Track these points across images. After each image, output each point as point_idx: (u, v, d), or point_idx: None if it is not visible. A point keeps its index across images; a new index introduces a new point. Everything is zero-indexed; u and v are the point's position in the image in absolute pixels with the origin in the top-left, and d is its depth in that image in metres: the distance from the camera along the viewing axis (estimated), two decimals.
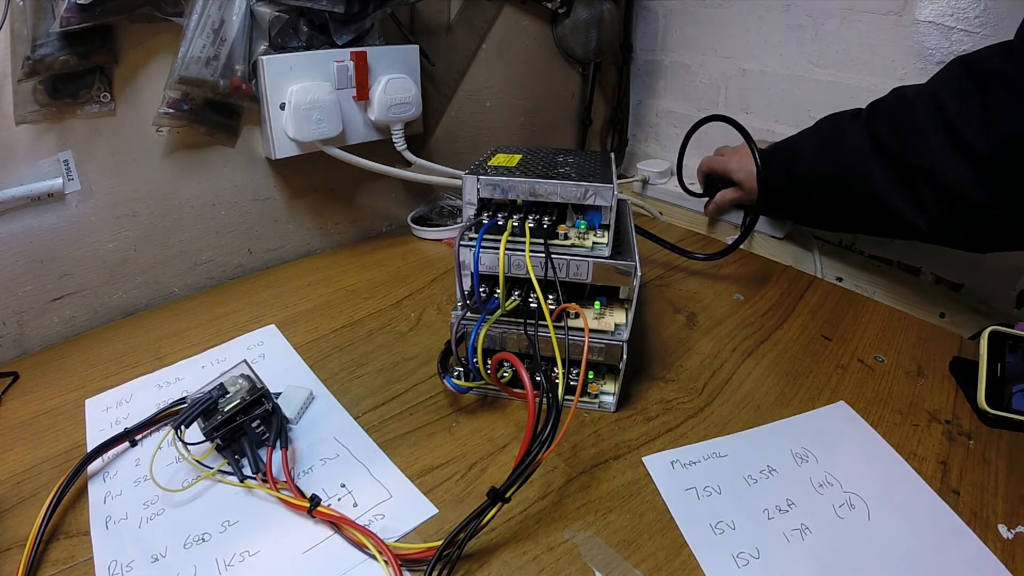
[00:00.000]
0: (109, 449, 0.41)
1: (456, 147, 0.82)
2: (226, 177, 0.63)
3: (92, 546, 0.36)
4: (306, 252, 0.73)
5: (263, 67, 0.58)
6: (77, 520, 0.37)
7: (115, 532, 0.37)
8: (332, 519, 0.36)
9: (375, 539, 0.34)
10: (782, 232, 0.83)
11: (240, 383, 0.42)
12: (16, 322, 0.54)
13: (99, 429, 0.45)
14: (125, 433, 0.42)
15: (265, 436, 0.41)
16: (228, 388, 0.41)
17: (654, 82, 0.98)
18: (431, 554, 0.33)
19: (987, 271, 0.69)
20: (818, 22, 0.76)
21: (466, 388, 0.46)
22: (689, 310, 0.61)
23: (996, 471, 0.42)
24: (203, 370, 0.51)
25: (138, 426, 0.43)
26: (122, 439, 0.42)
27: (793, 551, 0.36)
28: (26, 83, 0.48)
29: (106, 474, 0.41)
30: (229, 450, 0.40)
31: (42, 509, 0.36)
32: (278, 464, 0.40)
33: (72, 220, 0.55)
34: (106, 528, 0.37)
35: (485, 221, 0.43)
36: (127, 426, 0.43)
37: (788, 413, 0.47)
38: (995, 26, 0.62)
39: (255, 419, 0.41)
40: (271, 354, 0.53)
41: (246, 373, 0.43)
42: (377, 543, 0.34)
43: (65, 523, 0.37)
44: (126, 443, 0.43)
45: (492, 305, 0.44)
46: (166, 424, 0.45)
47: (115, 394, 0.48)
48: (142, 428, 0.43)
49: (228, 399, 0.41)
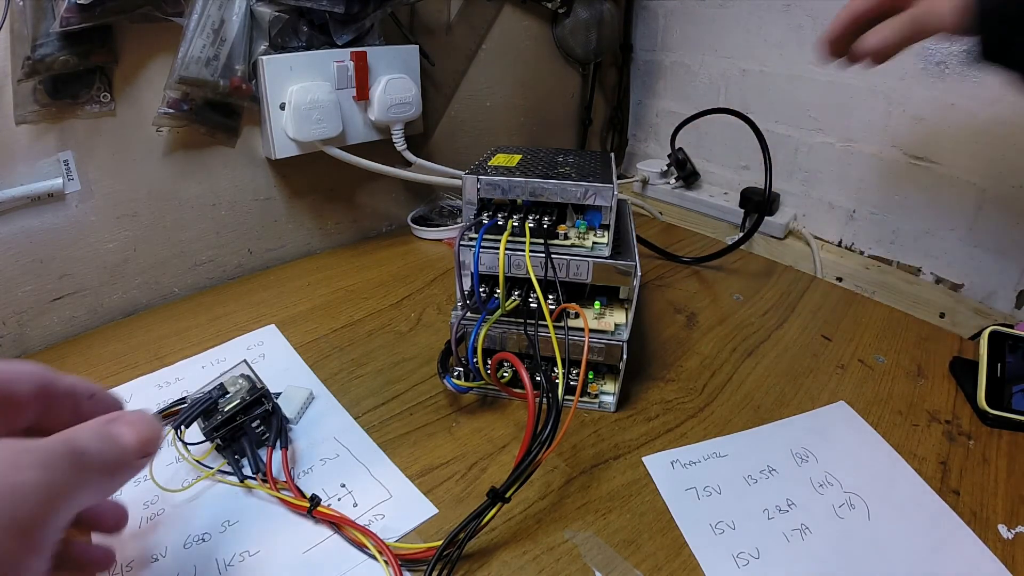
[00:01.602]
0: None
1: (456, 147, 0.82)
2: (226, 177, 0.63)
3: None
4: (306, 252, 0.73)
5: (263, 67, 0.58)
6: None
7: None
8: (332, 519, 0.36)
9: (375, 539, 0.34)
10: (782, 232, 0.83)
11: (240, 383, 0.42)
12: (16, 322, 0.54)
13: None
14: None
15: (265, 436, 0.41)
16: (228, 388, 0.41)
17: (654, 82, 0.98)
18: (431, 554, 0.33)
19: (987, 271, 0.70)
20: (818, 22, 0.76)
21: (466, 388, 0.46)
22: (689, 310, 0.61)
23: (996, 471, 0.42)
24: (203, 370, 0.51)
25: None
26: None
27: (793, 551, 0.36)
28: (26, 83, 0.48)
29: None
30: (229, 450, 0.40)
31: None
32: (278, 464, 0.40)
33: (72, 220, 0.55)
34: None
35: (485, 221, 0.43)
36: None
37: (788, 413, 0.47)
38: None
39: (255, 419, 0.41)
40: (271, 354, 0.53)
41: (246, 373, 0.43)
42: (377, 543, 0.34)
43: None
44: None
45: (492, 305, 0.44)
46: (166, 424, 0.45)
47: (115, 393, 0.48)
48: None
49: (228, 399, 0.41)
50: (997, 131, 0.65)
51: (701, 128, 0.91)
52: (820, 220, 0.83)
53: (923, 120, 0.70)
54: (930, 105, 0.69)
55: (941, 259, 0.73)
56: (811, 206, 0.84)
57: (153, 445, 0.26)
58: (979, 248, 0.69)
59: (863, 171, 0.77)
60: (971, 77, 0.65)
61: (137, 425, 0.25)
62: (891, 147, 0.74)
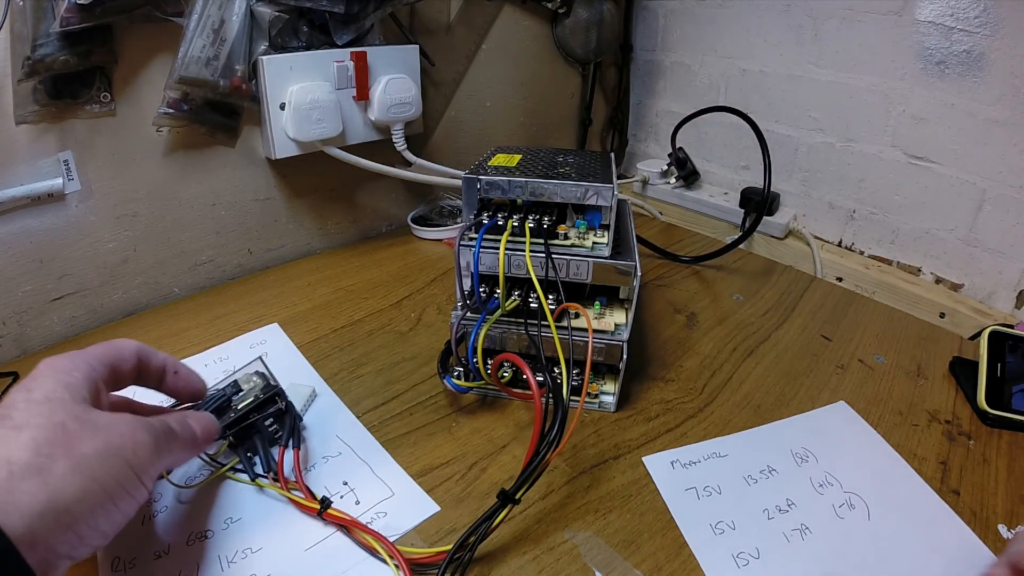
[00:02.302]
0: None
1: (456, 147, 0.82)
2: (226, 177, 0.63)
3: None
4: (306, 252, 0.73)
5: (263, 67, 0.58)
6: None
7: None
8: (343, 522, 0.36)
9: (386, 543, 0.34)
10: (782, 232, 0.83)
11: (254, 381, 0.42)
12: (16, 322, 0.54)
13: None
14: None
15: (278, 434, 0.41)
16: (242, 386, 0.42)
17: (654, 82, 0.98)
18: (442, 558, 0.33)
19: (987, 271, 0.70)
20: (818, 22, 0.76)
21: (466, 388, 0.46)
22: (689, 310, 0.61)
23: (996, 471, 0.42)
24: (206, 368, 0.51)
25: None
26: None
27: (793, 551, 0.36)
28: (26, 83, 0.48)
29: None
30: (241, 448, 0.40)
31: None
32: (289, 463, 0.40)
33: (72, 220, 0.55)
34: None
35: (485, 221, 0.43)
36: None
37: (788, 413, 0.47)
38: (995, 26, 0.62)
39: (268, 417, 0.41)
40: (274, 352, 0.53)
41: (260, 371, 0.43)
42: (388, 547, 0.34)
43: None
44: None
45: (492, 305, 0.44)
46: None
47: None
48: None
49: (242, 396, 0.41)
50: (997, 131, 0.65)
51: (701, 128, 0.91)
52: (820, 220, 0.83)
53: (923, 120, 0.70)
54: (930, 105, 0.69)
55: (941, 259, 0.73)
56: (811, 206, 0.84)
57: (211, 437, 0.36)
58: (979, 248, 0.69)
59: (863, 171, 0.77)
60: (971, 77, 0.65)
61: (202, 421, 0.35)
62: (891, 147, 0.74)
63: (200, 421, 0.35)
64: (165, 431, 0.31)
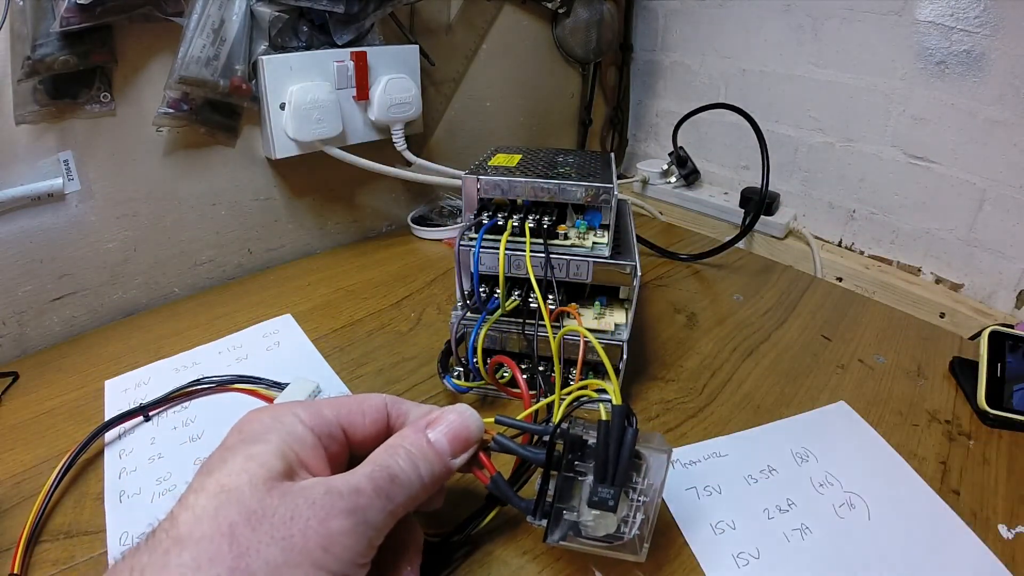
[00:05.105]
0: (124, 421, 0.43)
1: (456, 147, 0.82)
2: (226, 177, 0.63)
3: (104, 519, 0.37)
4: (306, 252, 0.73)
5: (263, 67, 0.58)
6: (85, 519, 0.37)
7: (128, 506, 0.38)
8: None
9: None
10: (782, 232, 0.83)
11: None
12: (16, 322, 0.54)
13: (116, 408, 0.46)
14: (140, 408, 0.44)
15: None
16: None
17: (654, 82, 0.98)
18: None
19: (987, 271, 0.70)
20: (818, 22, 0.76)
21: (466, 388, 0.46)
22: (689, 310, 0.61)
23: (996, 471, 0.42)
24: (220, 355, 0.52)
25: (153, 403, 0.45)
26: (136, 413, 0.44)
27: (793, 551, 0.36)
28: (26, 83, 0.48)
29: (122, 451, 0.42)
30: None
31: (55, 471, 0.38)
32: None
33: (72, 220, 0.55)
34: (119, 502, 0.38)
35: (485, 221, 0.43)
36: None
37: (788, 413, 0.47)
38: (995, 26, 0.62)
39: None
40: (285, 343, 0.54)
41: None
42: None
43: (71, 521, 0.37)
44: (142, 420, 0.45)
45: (492, 305, 0.44)
46: (180, 402, 0.46)
47: (134, 376, 0.50)
48: (156, 405, 0.45)
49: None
50: (997, 131, 0.65)
51: (701, 128, 0.91)
52: (820, 220, 0.83)
53: (923, 120, 0.70)
54: (930, 105, 0.69)
55: (941, 259, 0.73)
56: (811, 206, 0.84)
57: (464, 444, 0.26)
58: (979, 248, 0.69)
59: (863, 171, 0.77)
60: (971, 77, 0.65)
61: (451, 426, 0.26)
62: (891, 147, 0.74)
63: (449, 426, 0.26)
64: (380, 490, 0.23)
